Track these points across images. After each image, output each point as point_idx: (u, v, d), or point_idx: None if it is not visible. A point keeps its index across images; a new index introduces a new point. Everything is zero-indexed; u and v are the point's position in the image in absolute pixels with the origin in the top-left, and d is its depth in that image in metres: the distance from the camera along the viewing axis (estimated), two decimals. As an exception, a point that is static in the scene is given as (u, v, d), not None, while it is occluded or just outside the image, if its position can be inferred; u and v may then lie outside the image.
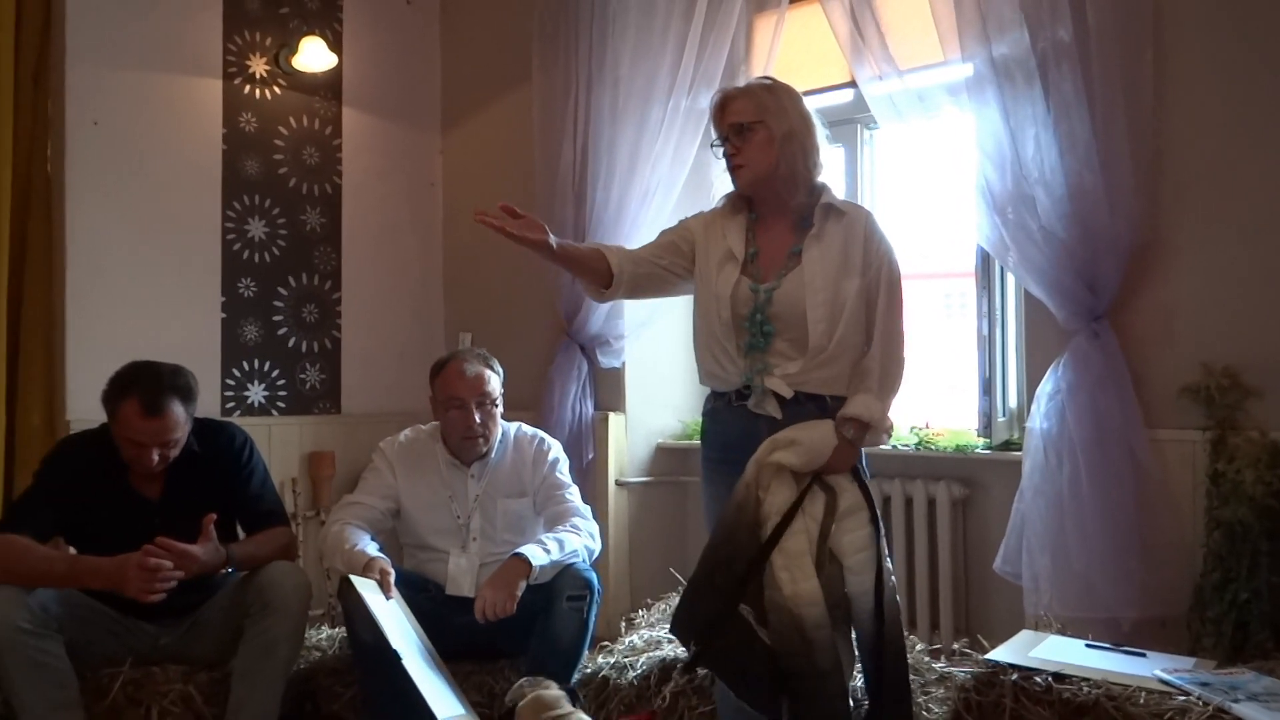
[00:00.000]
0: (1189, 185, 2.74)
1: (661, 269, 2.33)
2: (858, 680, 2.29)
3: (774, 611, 2.04)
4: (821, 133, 2.31)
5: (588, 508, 2.78)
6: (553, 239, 2.25)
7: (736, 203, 2.33)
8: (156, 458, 2.46)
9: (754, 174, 2.24)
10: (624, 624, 2.99)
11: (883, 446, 3.25)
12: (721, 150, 2.29)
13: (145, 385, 2.45)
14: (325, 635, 2.87)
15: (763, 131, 2.22)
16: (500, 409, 2.77)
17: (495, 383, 2.75)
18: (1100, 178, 2.73)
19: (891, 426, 2.26)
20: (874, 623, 2.11)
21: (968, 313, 3.22)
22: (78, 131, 3.48)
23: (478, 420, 2.69)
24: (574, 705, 2.15)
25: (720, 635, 2.08)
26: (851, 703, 2.16)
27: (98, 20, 3.52)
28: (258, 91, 3.93)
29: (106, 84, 3.54)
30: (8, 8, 3.35)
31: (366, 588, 2.41)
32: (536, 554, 2.48)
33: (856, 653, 2.20)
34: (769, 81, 2.34)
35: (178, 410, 2.47)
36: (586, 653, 2.64)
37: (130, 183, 3.59)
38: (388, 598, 2.44)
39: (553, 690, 2.15)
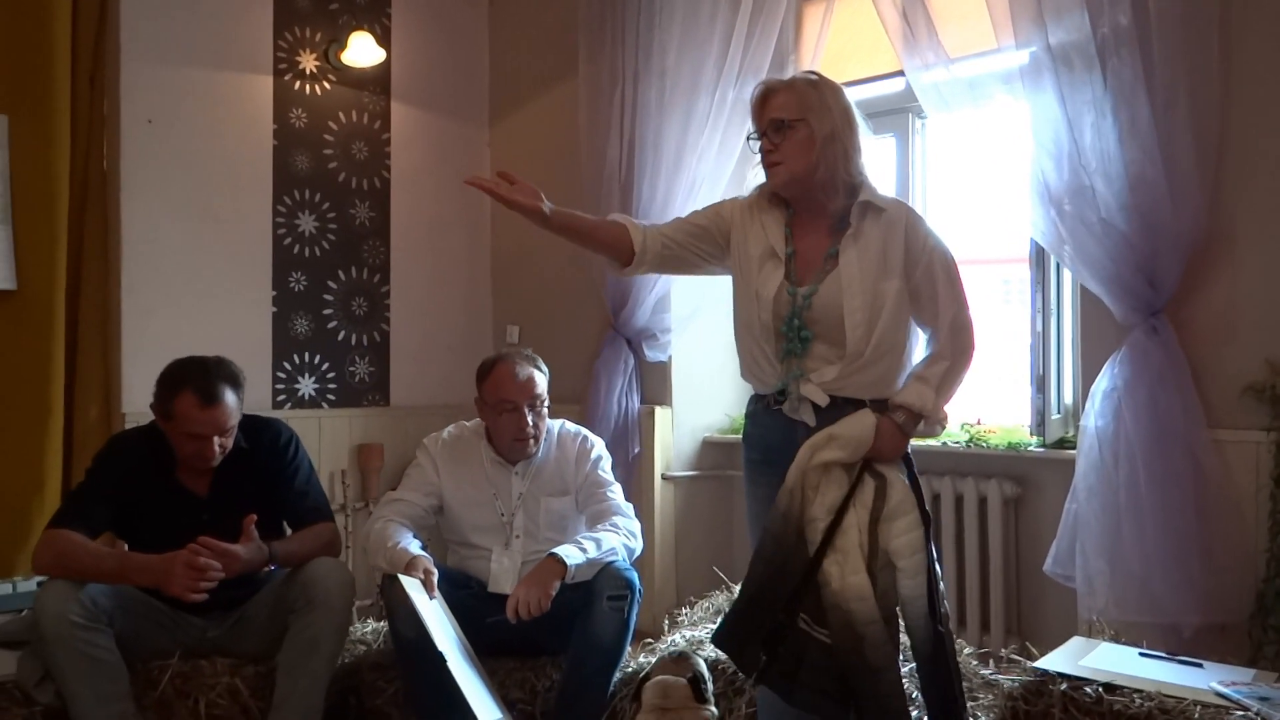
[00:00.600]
0: (1254, 176, 2.64)
1: (691, 253, 2.28)
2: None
3: (830, 609, 2.01)
4: (864, 131, 2.21)
5: (630, 506, 2.76)
6: (546, 205, 2.22)
7: (775, 196, 2.24)
8: (217, 448, 2.50)
9: (790, 174, 2.15)
10: (667, 621, 2.97)
11: (932, 442, 3.22)
12: (758, 145, 2.21)
13: (196, 378, 2.48)
14: (370, 629, 2.90)
15: (804, 130, 2.13)
16: (548, 408, 2.76)
17: (544, 383, 2.75)
18: (1162, 168, 2.64)
19: (946, 418, 2.19)
20: (929, 628, 2.07)
21: (1024, 300, 3.14)
22: (132, 129, 3.54)
23: (530, 423, 2.68)
24: (702, 695, 2.08)
25: (776, 649, 2.05)
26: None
27: (151, 19, 3.58)
28: (308, 87, 3.97)
29: (160, 82, 3.60)
30: (64, 9, 3.41)
31: (413, 587, 2.41)
32: (571, 554, 2.47)
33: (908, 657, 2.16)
34: (814, 77, 2.23)
35: (230, 397, 2.51)
36: (628, 651, 2.63)
37: (183, 179, 3.64)
38: (431, 597, 2.45)
39: (681, 681, 2.08)
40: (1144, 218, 2.68)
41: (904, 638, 2.13)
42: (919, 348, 2.23)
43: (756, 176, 2.33)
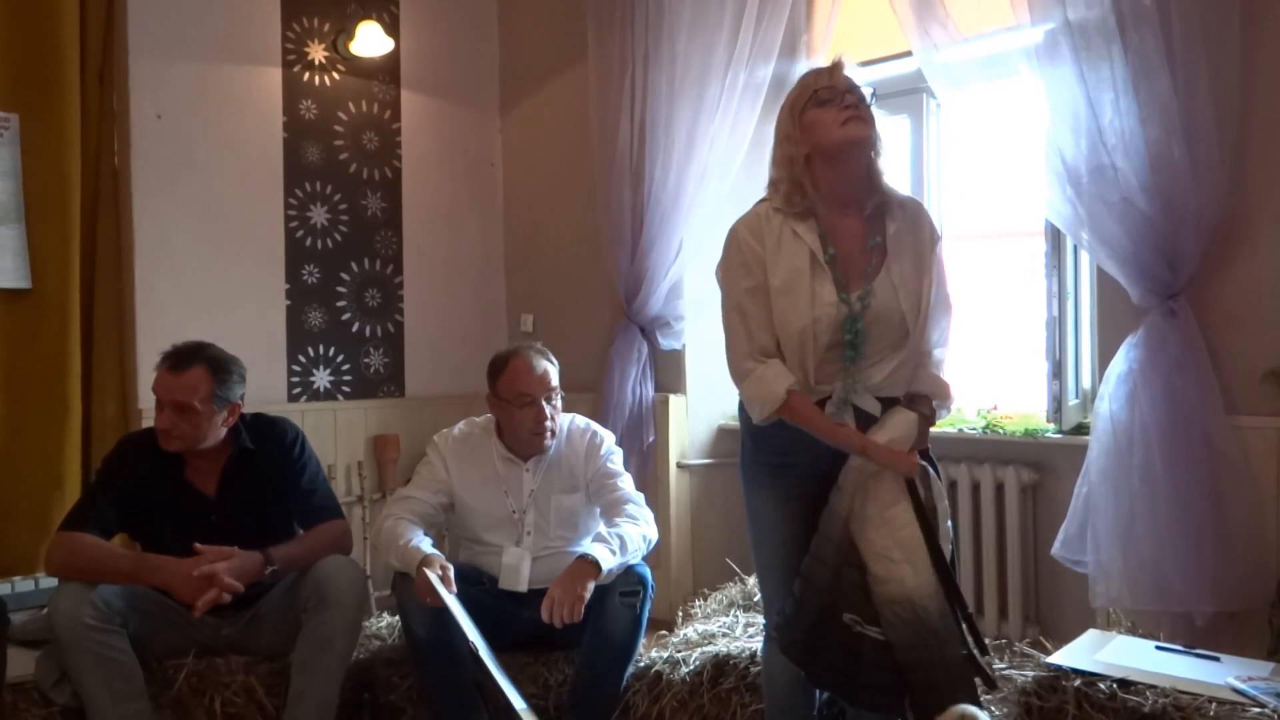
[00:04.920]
0: (1277, 156, 2.57)
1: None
2: None
3: (894, 605, 1.99)
4: None
5: (641, 495, 2.75)
6: None
7: (795, 204, 2.09)
8: (167, 422, 2.50)
9: (867, 136, 2.05)
10: (680, 614, 2.96)
11: (949, 428, 3.20)
12: (840, 100, 2.04)
13: (180, 349, 2.59)
14: (385, 624, 2.91)
15: (868, 109, 2.08)
16: (561, 400, 2.75)
17: (557, 376, 2.74)
18: (1183, 146, 2.58)
19: (953, 401, 2.21)
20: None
21: (1039, 286, 3.09)
22: (142, 125, 3.54)
23: (549, 414, 2.68)
24: None
25: (830, 651, 2.04)
26: None
27: (159, 14, 3.57)
28: (317, 78, 3.95)
29: (169, 77, 3.60)
30: (71, 7, 3.41)
31: (445, 593, 2.39)
32: (605, 557, 2.45)
33: None
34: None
35: (200, 374, 2.53)
36: (641, 645, 2.63)
37: (194, 174, 3.65)
38: (451, 591, 2.45)
39: None
40: (1165, 197, 2.62)
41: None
42: None
43: (759, 172, 2.24)
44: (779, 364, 2.07)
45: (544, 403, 2.67)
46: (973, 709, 1.83)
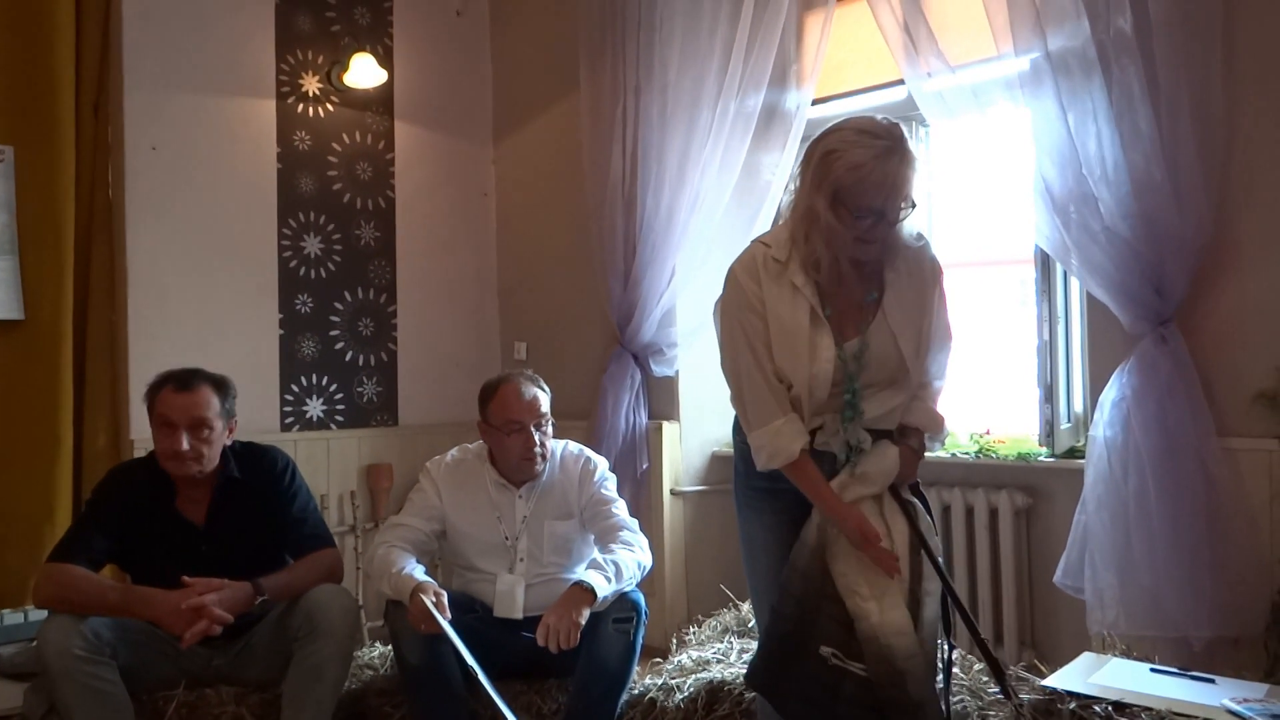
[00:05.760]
0: (1260, 182, 2.60)
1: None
2: None
3: (866, 642, 1.97)
4: None
5: (635, 521, 2.74)
6: None
7: (789, 247, 2.05)
8: (186, 444, 2.49)
9: (880, 252, 2.02)
10: (675, 641, 2.95)
11: (942, 454, 3.20)
12: (871, 223, 1.96)
13: (178, 372, 2.61)
14: (378, 653, 2.89)
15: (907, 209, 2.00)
16: (552, 427, 2.75)
17: (547, 402, 2.74)
18: (1166, 174, 2.61)
19: (946, 433, 2.21)
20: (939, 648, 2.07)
21: (1031, 315, 3.11)
22: (136, 156, 3.56)
23: (538, 441, 2.68)
24: None
25: (801, 681, 2.02)
26: None
27: (154, 47, 3.60)
28: (311, 109, 3.98)
29: (163, 109, 3.62)
30: (67, 40, 3.44)
31: (441, 620, 2.38)
32: (600, 584, 2.45)
33: None
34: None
35: (208, 391, 2.56)
36: (635, 673, 2.61)
37: (188, 205, 3.66)
38: (446, 617, 2.44)
39: None
40: (1149, 225, 2.65)
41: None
42: None
43: (770, 202, 2.20)
44: (797, 420, 2.05)
45: (533, 429, 2.67)
46: None
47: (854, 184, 1.92)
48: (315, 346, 3.96)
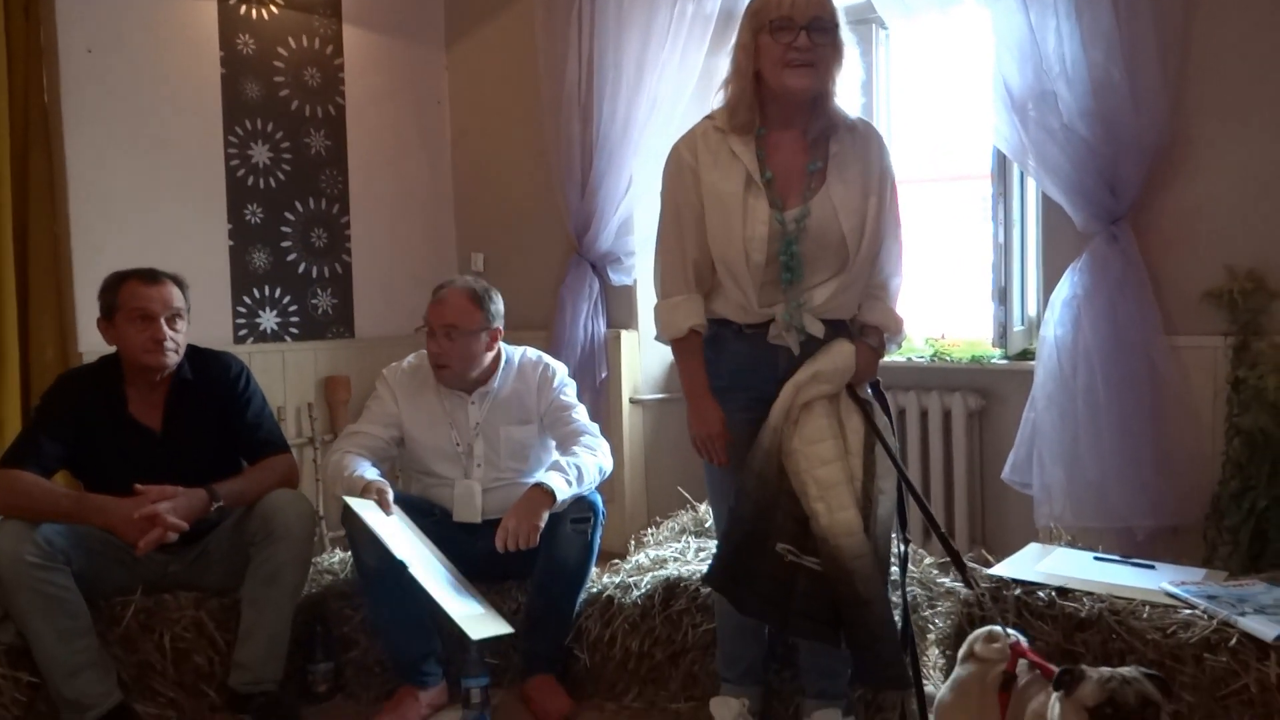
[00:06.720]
0: (1217, 81, 2.61)
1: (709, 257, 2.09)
2: None
3: (817, 539, 2.00)
4: None
5: (595, 425, 2.74)
6: None
7: (737, 114, 2.07)
8: (167, 335, 2.47)
9: (820, 82, 2.00)
10: (633, 542, 2.99)
11: (897, 357, 3.23)
12: (791, 39, 1.96)
13: (138, 269, 2.58)
14: (338, 559, 2.90)
15: (836, 38, 2.00)
16: (481, 340, 2.65)
17: (464, 306, 2.63)
18: (1125, 74, 2.61)
19: (905, 335, 2.22)
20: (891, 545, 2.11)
21: (987, 217, 3.11)
22: (72, 60, 3.42)
23: (439, 348, 2.62)
24: None
25: (757, 579, 2.05)
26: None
27: (85, -56, 3.44)
28: (254, 11, 3.84)
29: (98, 10, 3.46)
30: (-9, -64, 3.27)
31: (366, 508, 2.41)
32: (560, 486, 2.46)
33: None
34: None
35: (172, 285, 2.56)
36: (593, 573, 2.64)
37: (129, 111, 3.54)
38: (387, 514, 2.45)
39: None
40: (1106, 123, 2.65)
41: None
42: None
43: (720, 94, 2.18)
44: (700, 300, 2.11)
45: (440, 334, 2.62)
46: (997, 627, 1.84)
47: (774, 5, 1.99)
48: (267, 258, 3.89)
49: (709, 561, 2.21)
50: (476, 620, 2.36)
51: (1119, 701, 1.52)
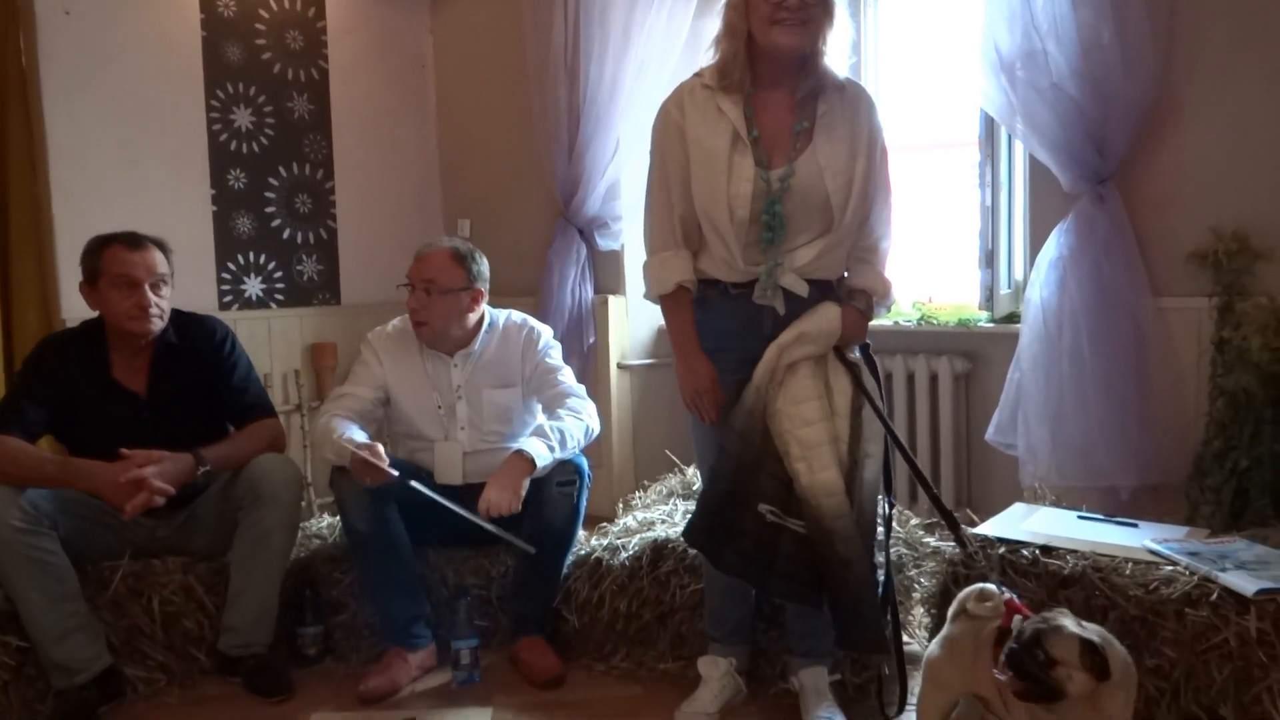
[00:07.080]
0: (1206, 43, 2.60)
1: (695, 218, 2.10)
2: None
3: (799, 501, 2.02)
4: None
5: (581, 387, 2.74)
6: None
7: (727, 73, 2.06)
8: (152, 300, 2.45)
9: (810, 39, 1.99)
10: (621, 505, 3.00)
11: (884, 321, 3.23)
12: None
13: (120, 233, 2.54)
14: (326, 524, 2.90)
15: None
16: (462, 300, 2.64)
17: (445, 264, 2.63)
18: (1114, 34, 2.59)
19: (893, 299, 2.21)
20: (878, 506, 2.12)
21: (975, 183, 3.11)
22: (49, 22, 3.37)
23: (418, 304, 2.62)
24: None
25: (739, 537, 2.06)
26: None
27: (61, -98, 3.38)
28: (234, -28, 3.79)
29: (75, -30, 3.42)
30: (-36, -108, 3.21)
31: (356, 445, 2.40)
32: (540, 452, 2.45)
33: None
34: None
35: (156, 250, 2.53)
36: (580, 535, 2.65)
37: (109, 74, 3.49)
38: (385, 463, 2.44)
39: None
40: (1095, 84, 2.64)
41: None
42: None
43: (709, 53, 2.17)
44: (688, 256, 2.11)
45: (419, 287, 2.62)
46: (989, 585, 1.85)
47: None
48: (251, 223, 3.86)
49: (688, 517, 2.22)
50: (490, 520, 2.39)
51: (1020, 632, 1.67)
